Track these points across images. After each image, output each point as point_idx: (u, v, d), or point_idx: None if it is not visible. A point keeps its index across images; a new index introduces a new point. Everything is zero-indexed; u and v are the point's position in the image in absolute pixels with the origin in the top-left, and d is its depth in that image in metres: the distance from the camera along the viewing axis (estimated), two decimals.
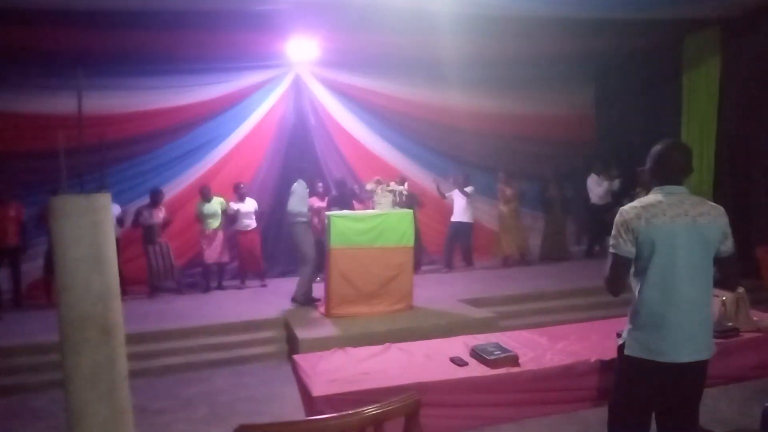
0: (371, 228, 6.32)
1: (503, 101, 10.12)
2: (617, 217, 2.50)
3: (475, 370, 3.16)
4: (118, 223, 7.60)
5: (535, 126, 10.35)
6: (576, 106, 10.82)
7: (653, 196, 2.49)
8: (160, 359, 5.80)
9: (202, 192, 8.16)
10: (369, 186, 7.09)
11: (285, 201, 7.10)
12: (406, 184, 8.02)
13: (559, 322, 5.79)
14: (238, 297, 7.86)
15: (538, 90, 10.16)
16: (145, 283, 7.99)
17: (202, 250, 8.13)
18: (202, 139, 8.98)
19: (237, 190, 8.28)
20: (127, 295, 7.23)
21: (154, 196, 7.98)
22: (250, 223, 8.30)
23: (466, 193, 8.82)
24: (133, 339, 4.85)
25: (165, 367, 5.69)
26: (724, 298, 3.46)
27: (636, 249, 2.44)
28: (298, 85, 9.46)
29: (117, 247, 2.97)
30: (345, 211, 6.71)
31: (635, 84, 10.08)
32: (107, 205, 2.76)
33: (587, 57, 10.01)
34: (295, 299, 6.93)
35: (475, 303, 6.77)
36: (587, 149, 10.62)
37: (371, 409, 1.80)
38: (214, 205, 8.11)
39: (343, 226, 6.26)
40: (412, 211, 6.70)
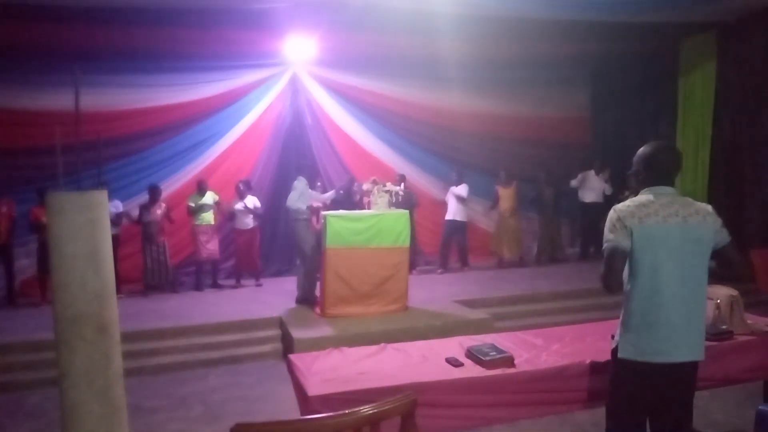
0: (367, 228, 6.32)
1: (499, 102, 10.15)
2: (611, 213, 2.49)
3: (470, 370, 3.15)
4: (119, 219, 7.58)
5: (531, 128, 10.38)
6: (572, 108, 10.85)
7: (644, 197, 2.49)
8: (155, 358, 5.79)
9: (199, 185, 8.13)
10: (365, 186, 7.09)
11: (282, 199, 7.09)
12: (403, 185, 8.01)
13: (554, 323, 5.79)
14: (233, 296, 7.84)
15: (534, 92, 10.19)
16: (138, 281, 7.97)
17: (196, 245, 8.08)
18: (199, 137, 8.98)
19: (246, 187, 8.21)
20: (122, 293, 7.21)
21: (152, 193, 7.96)
22: (248, 222, 8.25)
23: (456, 192, 8.79)
24: (128, 337, 4.83)
25: (160, 366, 5.68)
26: (719, 301, 3.47)
27: (630, 246, 2.43)
28: (295, 84, 9.46)
29: (115, 244, 2.95)
30: (341, 211, 6.71)
31: (631, 87, 10.13)
32: (104, 202, 2.73)
33: (584, 60, 10.05)
34: (299, 300, 6.89)
35: (470, 304, 6.79)
36: (583, 152, 10.65)
37: (367, 409, 1.80)
38: (206, 199, 8.05)
39: (339, 226, 6.27)
40: (408, 211, 6.71)
